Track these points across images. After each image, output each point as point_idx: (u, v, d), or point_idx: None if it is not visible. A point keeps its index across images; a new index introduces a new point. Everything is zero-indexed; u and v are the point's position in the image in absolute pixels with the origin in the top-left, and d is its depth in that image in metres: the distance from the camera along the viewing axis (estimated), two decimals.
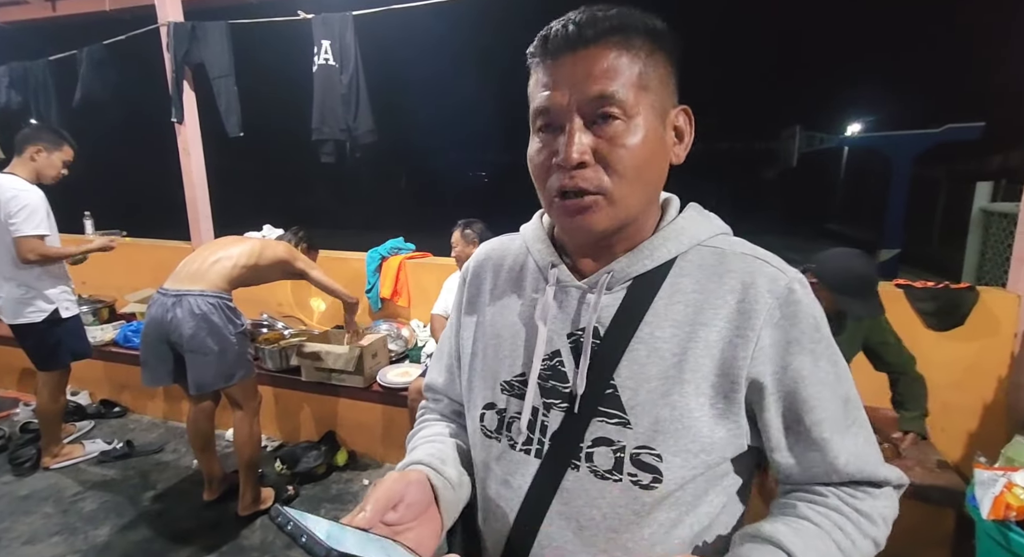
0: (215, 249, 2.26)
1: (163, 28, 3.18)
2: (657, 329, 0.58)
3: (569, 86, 0.54)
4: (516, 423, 0.63)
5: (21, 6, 3.74)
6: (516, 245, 0.72)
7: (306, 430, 2.88)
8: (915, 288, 2.23)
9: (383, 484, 0.58)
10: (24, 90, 3.80)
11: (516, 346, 0.66)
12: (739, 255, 0.60)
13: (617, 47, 0.54)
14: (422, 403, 0.84)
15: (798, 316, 0.56)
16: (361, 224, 10.86)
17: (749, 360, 0.56)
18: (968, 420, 2.16)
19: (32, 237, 2.36)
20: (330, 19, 3.03)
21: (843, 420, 0.58)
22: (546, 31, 0.56)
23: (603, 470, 0.58)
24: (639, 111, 0.55)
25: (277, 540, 2.18)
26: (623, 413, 0.58)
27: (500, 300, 0.70)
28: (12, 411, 3.15)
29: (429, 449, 0.70)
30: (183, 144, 3.30)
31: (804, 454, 0.59)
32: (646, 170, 0.56)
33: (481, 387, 0.68)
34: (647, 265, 0.60)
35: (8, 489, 2.50)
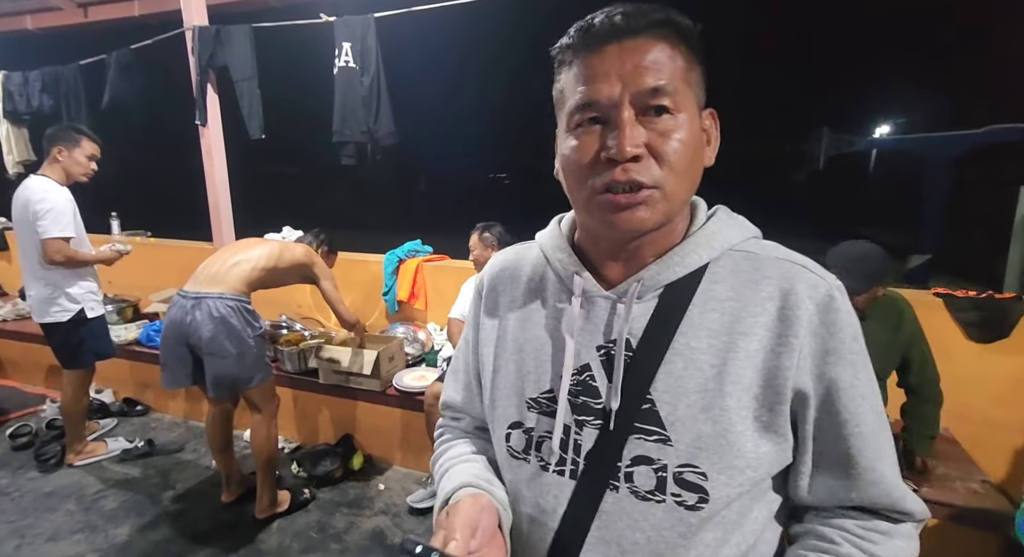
0: (234, 252, 2.26)
1: (188, 32, 3.22)
2: (693, 339, 0.55)
3: (619, 76, 0.51)
4: (547, 442, 0.60)
5: (54, 12, 3.85)
6: (533, 254, 0.69)
7: (323, 433, 2.87)
8: (956, 297, 2.12)
9: (462, 511, 0.57)
10: (56, 94, 3.91)
11: (541, 361, 0.62)
12: (775, 260, 0.57)
13: (666, 39, 0.52)
14: (440, 421, 0.80)
15: (837, 324, 0.54)
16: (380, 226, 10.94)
17: (794, 370, 0.53)
18: (1014, 438, 2.04)
19: (58, 239, 2.40)
20: (351, 22, 3.04)
21: (877, 438, 0.56)
22: (586, 23, 0.53)
23: (644, 490, 0.55)
24: (686, 107, 0.53)
25: (294, 544, 2.17)
26: (663, 429, 0.55)
27: (520, 313, 0.66)
28: (39, 408, 3.21)
29: (469, 470, 0.67)
30: (206, 146, 3.35)
31: (830, 470, 0.56)
32: (693, 166, 0.55)
33: (505, 405, 0.65)
34: (678, 272, 0.57)
35: (33, 485, 2.54)
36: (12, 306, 3.75)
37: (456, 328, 2.60)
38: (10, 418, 3.17)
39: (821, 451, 0.56)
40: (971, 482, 1.77)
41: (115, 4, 3.69)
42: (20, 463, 2.72)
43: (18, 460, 2.74)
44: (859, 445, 0.55)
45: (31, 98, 3.94)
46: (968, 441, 1.98)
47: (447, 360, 2.70)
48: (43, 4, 3.78)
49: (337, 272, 3.27)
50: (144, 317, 3.49)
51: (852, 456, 0.55)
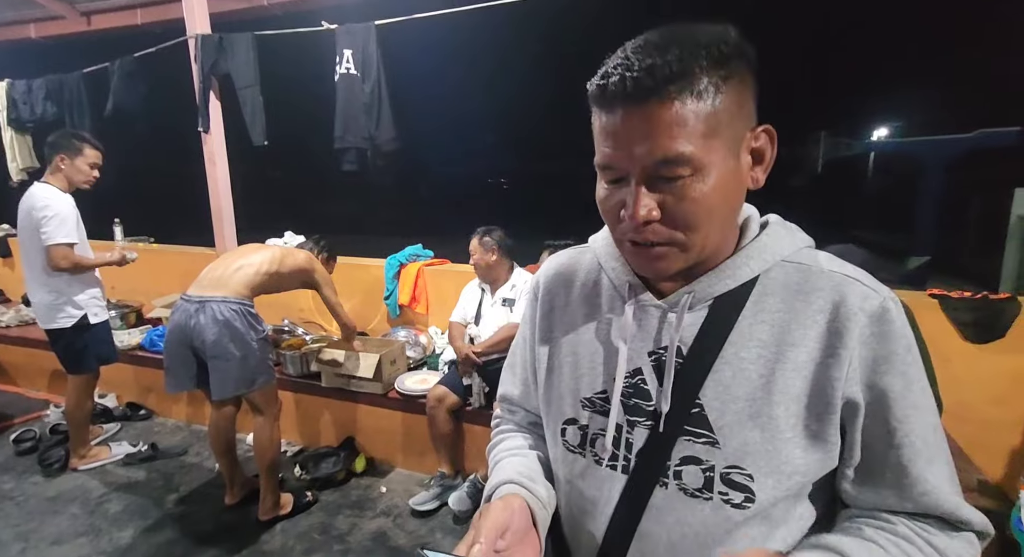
0: (237, 256, 2.29)
1: (191, 40, 3.26)
2: (742, 350, 0.57)
3: (630, 144, 0.51)
4: (600, 440, 0.63)
5: (58, 21, 3.89)
6: (587, 259, 0.72)
7: (325, 436, 2.89)
8: (951, 298, 2.15)
9: (490, 514, 0.59)
10: (59, 102, 3.95)
11: (595, 363, 0.65)
12: (827, 273, 0.58)
13: (679, 96, 0.49)
14: (496, 413, 0.84)
15: (891, 335, 0.54)
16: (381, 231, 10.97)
17: (844, 380, 0.54)
18: (1010, 437, 2.06)
19: (62, 245, 2.43)
20: (353, 29, 3.08)
21: (929, 449, 0.55)
22: (603, 78, 0.52)
23: (693, 488, 0.58)
24: (709, 159, 0.51)
25: (297, 545, 2.19)
26: (711, 433, 0.57)
27: (575, 317, 0.69)
28: (43, 413, 3.23)
29: (516, 466, 0.70)
30: (209, 153, 3.38)
31: (881, 478, 0.57)
32: (717, 213, 0.54)
33: (560, 403, 0.68)
34: (729, 285, 0.59)
35: (37, 490, 2.56)
36: (15, 312, 3.77)
37: (457, 331, 2.62)
38: (14, 423, 3.19)
39: (870, 459, 0.57)
40: (968, 481, 1.78)
41: (118, 13, 3.74)
42: (24, 467, 2.73)
43: (22, 465, 2.76)
44: (910, 455, 0.55)
45: (35, 106, 3.98)
46: (964, 440, 2.00)
47: (448, 363, 2.73)
48: (47, 13, 3.82)
49: (339, 277, 3.30)
50: (147, 322, 3.51)
51: (903, 465, 0.55)
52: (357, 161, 3.24)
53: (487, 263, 2.52)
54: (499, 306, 2.54)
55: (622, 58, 0.51)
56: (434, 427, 2.41)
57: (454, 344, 2.58)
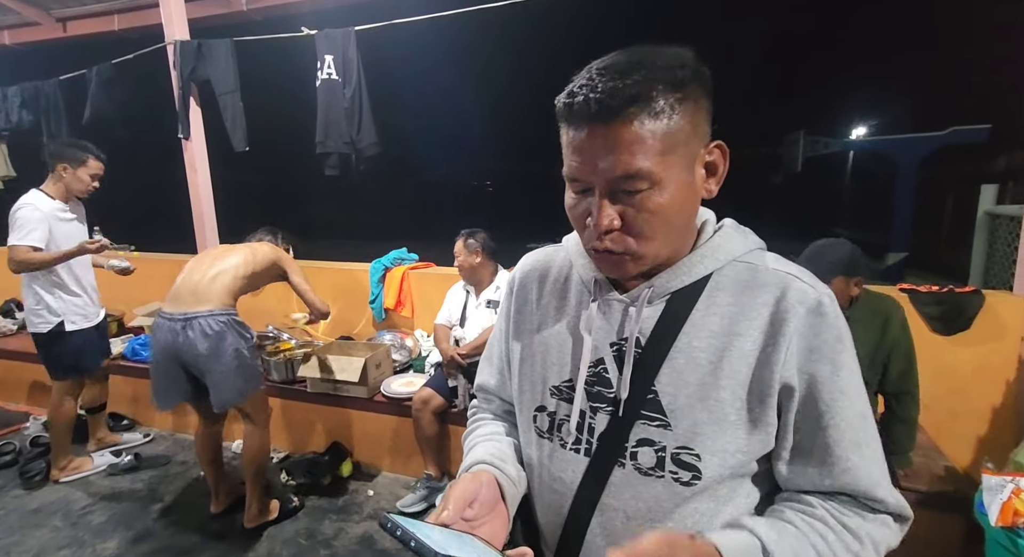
0: (209, 264, 2.24)
1: (170, 46, 3.24)
2: (695, 339, 0.63)
3: (593, 159, 0.56)
4: (566, 425, 0.69)
5: (32, 27, 3.84)
6: (560, 257, 0.78)
7: (312, 441, 2.89)
8: (920, 292, 2.22)
9: (459, 485, 0.65)
10: (35, 109, 3.89)
11: (563, 354, 0.71)
12: (772, 271, 0.64)
13: (638, 116, 0.53)
14: (473, 402, 0.89)
15: (823, 326, 0.60)
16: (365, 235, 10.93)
17: (781, 365, 0.60)
18: (976, 425, 2.14)
19: (18, 246, 2.36)
20: (333, 34, 3.09)
21: (854, 432, 0.60)
22: (569, 97, 0.56)
23: (646, 468, 0.63)
24: (665, 174, 0.56)
25: (283, 551, 2.19)
26: (664, 416, 0.63)
27: (547, 310, 0.75)
28: (22, 425, 3.18)
29: (489, 448, 0.75)
30: (190, 160, 3.36)
31: (809, 456, 0.62)
32: (674, 222, 0.60)
33: (531, 391, 0.74)
34: (685, 281, 0.64)
35: (18, 503, 2.52)
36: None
37: (442, 333, 2.64)
38: None
39: (800, 440, 0.62)
40: (935, 468, 1.86)
41: (94, 19, 3.70)
42: (5, 480, 2.69)
43: (2, 478, 2.72)
44: (835, 436, 0.60)
45: (10, 114, 3.91)
46: (933, 429, 2.07)
47: (434, 366, 2.74)
48: (21, 19, 3.77)
49: (325, 281, 3.31)
50: (129, 331, 3.47)
51: (828, 445, 0.60)
52: (339, 166, 3.24)
53: (471, 265, 2.54)
54: (484, 308, 2.57)
55: (587, 79, 0.55)
56: (420, 429, 2.43)
57: (439, 346, 2.60)
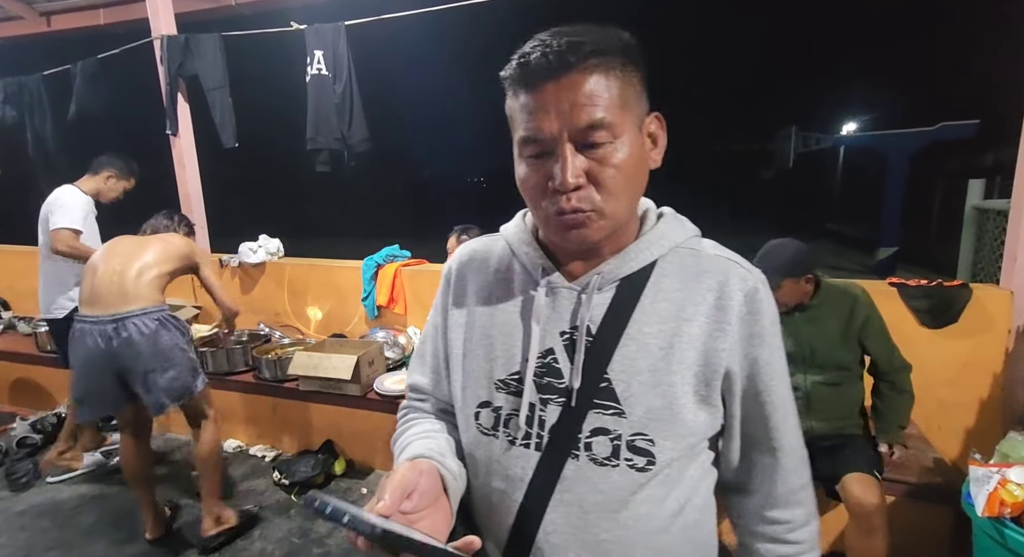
0: (126, 260, 2.09)
1: (157, 41, 3.20)
2: (645, 326, 0.63)
3: (556, 114, 0.56)
4: (514, 419, 0.66)
5: (15, 22, 3.77)
6: (499, 247, 0.74)
7: (303, 439, 2.87)
8: (909, 286, 2.24)
9: (397, 474, 0.60)
10: (19, 105, 3.83)
11: (509, 345, 0.68)
12: (713, 256, 0.67)
13: (598, 70, 0.55)
14: (404, 403, 0.83)
15: (761, 312, 0.64)
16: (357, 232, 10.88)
17: (727, 351, 0.62)
18: (964, 417, 2.16)
19: (64, 229, 2.52)
20: (322, 29, 3.06)
21: (786, 405, 0.67)
22: (522, 57, 0.57)
23: (602, 458, 0.62)
24: (624, 129, 0.57)
25: (276, 550, 2.18)
26: (618, 404, 0.62)
27: (489, 301, 0.72)
28: (8, 426, 3.14)
29: (427, 444, 0.71)
30: (178, 156, 3.32)
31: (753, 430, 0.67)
32: (632, 182, 0.60)
33: (474, 386, 0.70)
34: (633, 267, 0.65)
35: (5, 504, 2.49)
36: None
37: None
38: None
39: (744, 419, 0.67)
40: (924, 460, 1.87)
41: (80, 13, 3.64)
42: None
43: None
44: (770, 411, 0.66)
45: None
46: (923, 422, 2.09)
47: None
48: (4, 13, 3.70)
49: (316, 278, 3.29)
50: None
51: (766, 417, 0.66)
52: (330, 162, 3.22)
53: None
54: None
55: (539, 41, 0.57)
56: None
57: None
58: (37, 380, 3.44)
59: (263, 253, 3.35)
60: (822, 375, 1.77)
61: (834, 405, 1.78)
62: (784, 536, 0.69)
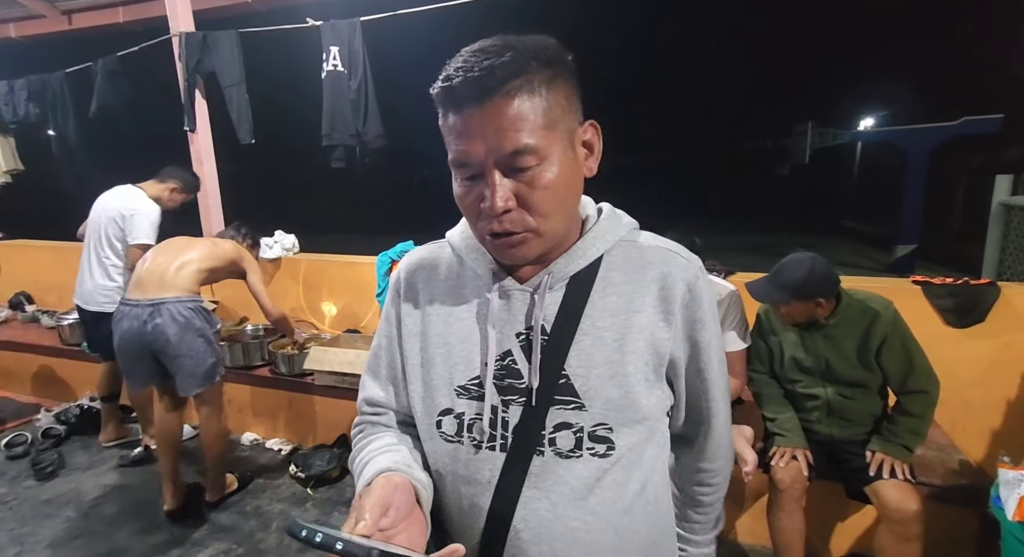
0: (173, 255, 2.29)
1: (175, 39, 3.23)
2: (598, 320, 0.65)
3: (482, 139, 0.56)
4: (478, 424, 0.66)
5: (38, 20, 3.83)
6: (447, 253, 0.75)
7: (319, 433, 2.90)
8: (933, 285, 2.19)
9: (373, 491, 0.59)
10: (42, 102, 3.89)
11: (467, 351, 0.68)
12: (655, 248, 0.69)
13: (519, 93, 0.55)
14: (358, 419, 0.80)
15: (701, 298, 0.67)
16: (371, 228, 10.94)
17: (672, 340, 0.66)
18: (991, 418, 2.11)
19: (141, 245, 2.59)
20: (338, 26, 3.06)
21: (719, 381, 0.72)
22: (446, 80, 0.57)
23: (566, 451, 0.64)
24: (551, 150, 0.58)
25: (293, 543, 2.20)
26: (578, 398, 0.64)
27: (442, 307, 0.71)
28: (33, 417, 3.20)
29: (391, 457, 0.68)
30: (196, 152, 3.35)
31: (692, 400, 0.73)
32: (564, 199, 0.61)
33: (434, 395, 0.70)
34: (581, 264, 0.66)
35: (31, 493, 2.55)
36: (4, 316, 3.73)
37: None
38: (5, 428, 3.16)
39: (688, 392, 0.72)
40: (949, 462, 1.83)
41: (100, 11, 3.69)
42: (17, 472, 2.72)
43: (15, 469, 2.75)
44: (708, 386, 0.72)
45: (17, 107, 3.92)
46: (947, 423, 2.05)
47: None
48: (27, 12, 3.76)
49: (332, 274, 3.31)
50: None
51: (706, 390, 0.72)
52: (345, 158, 3.23)
53: None
54: None
55: (462, 62, 0.56)
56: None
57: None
58: (60, 372, 3.51)
59: (279, 248, 3.38)
60: (840, 388, 1.74)
61: (854, 414, 1.76)
62: (708, 480, 0.79)
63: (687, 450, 0.79)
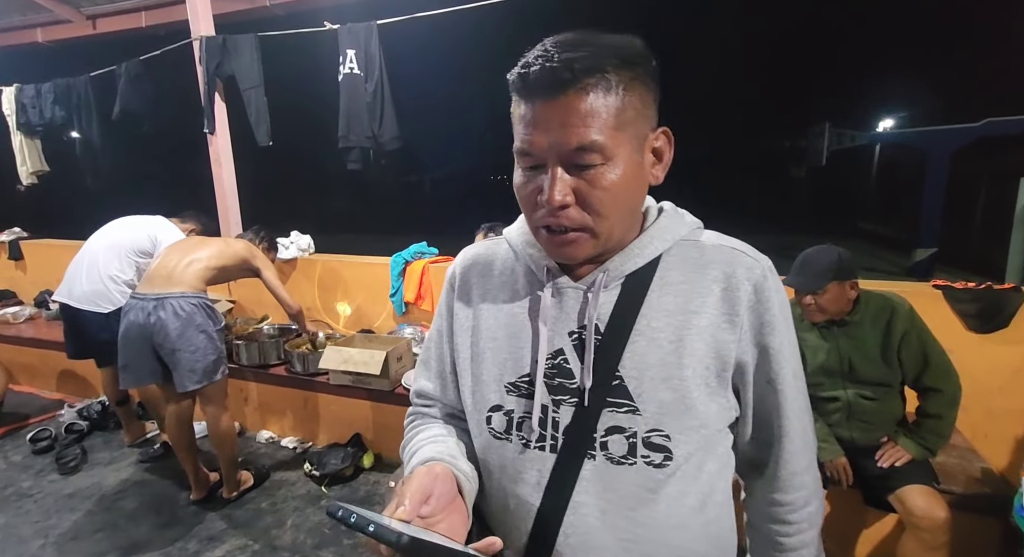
0: (184, 252, 2.36)
1: (196, 42, 3.29)
2: (653, 321, 0.63)
3: (548, 132, 0.55)
4: (527, 422, 0.65)
5: (64, 25, 3.93)
6: (502, 249, 0.74)
7: (333, 432, 2.93)
8: (955, 289, 2.15)
9: (414, 479, 0.60)
10: (67, 106, 3.99)
11: (517, 348, 0.68)
12: (717, 247, 0.66)
13: (593, 89, 0.54)
14: (410, 410, 0.82)
15: (770, 300, 0.63)
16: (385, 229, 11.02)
17: (737, 343, 0.62)
18: (1014, 426, 2.07)
19: None
20: (355, 29, 3.10)
21: (791, 389, 0.66)
22: (523, 68, 0.56)
23: (618, 456, 0.62)
24: (617, 151, 0.57)
25: (308, 540, 2.23)
26: (632, 401, 0.62)
27: (494, 303, 0.71)
28: (57, 413, 3.28)
29: (437, 447, 0.70)
30: (215, 154, 3.41)
31: (763, 413, 0.67)
32: (625, 203, 0.60)
33: (484, 391, 0.70)
34: (638, 263, 0.64)
35: (55, 487, 2.61)
36: (29, 313, 3.82)
37: None
38: (29, 423, 3.25)
39: (756, 404, 0.67)
40: (971, 470, 1.80)
41: (123, 16, 3.77)
42: (41, 466, 2.79)
43: (39, 463, 2.82)
44: (780, 399, 0.66)
45: (43, 110, 4.02)
46: (969, 430, 2.01)
47: None
48: (53, 17, 3.86)
49: (346, 275, 3.34)
50: None
51: (779, 403, 0.66)
52: (361, 160, 3.26)
53: None
54: None
55: (542, 51, 0.56)
56: None
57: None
58: (83, 370, 3.58)
59: (295, 249, 3.42)
60: (862, 389, 1.72)
61: (875, 416, 1.73)
62: (785, 517, 0.70)
63: (757, 477, 0.72)
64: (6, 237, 4.40)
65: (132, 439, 3.00)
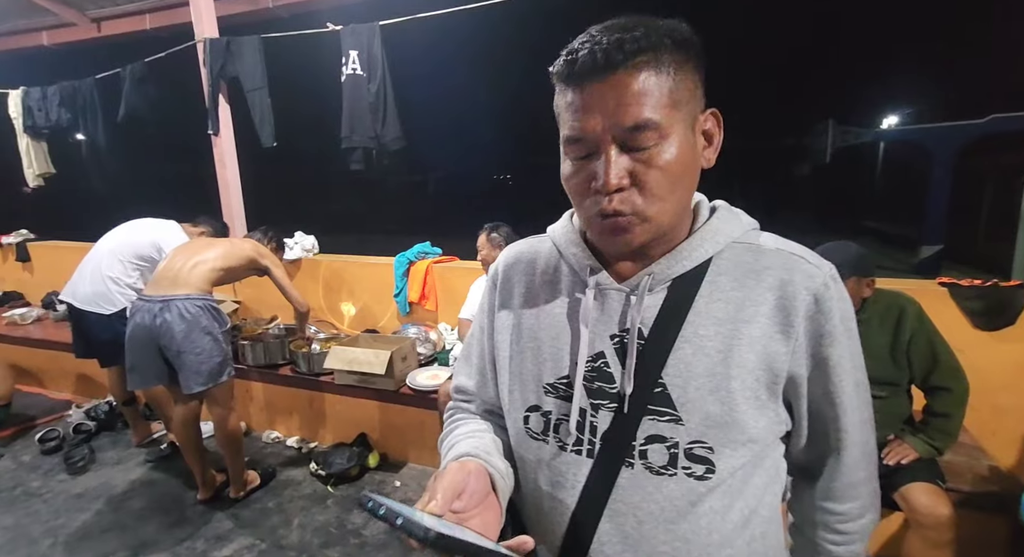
0: (190, 254, 2.36)
1: (199, 44, 3.31)
2: (700, 328, 0.60)
3: (601, 113, 0.54)
4: (564, 425, 0.64)
5: (69, 28, 3.96)
6: (546, 247, 0.72)
7: (338, 432, 2.94)
8: (961, 286, 2.14)
9: (447, 475, 0.59)
10: (73, 108, 4.01)
11: (557, 349, 0.66)
12: (774, 251, 0.62)
13: (646, 68, 0.53)
14: (450, 404, 0.82)
15: (832, 310, 0.59)
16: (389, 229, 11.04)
17: (791, 355, 0.59)
18: (1022, 423, 2.06)
19: None
20: (358, 30, 3.10)
21: (853, 402, 0.63)
22: (570, 54, 0.55)
23: (658, 466, 0.60)
24: (673, 129, 0.55)
25: (314, 539, 2.24)
26: (674, 410, 0.59)
27: (535, 303, 0.70)
28: (65, 413, 3.31)
29: (473, 443, 0.69)
30: (219, 155, 3.43)
31: (819, 427, 0.64)
32: (680, 184, 0.57)
33: (522, 390, 0.69)
34: (686, 266, 0.61)
35: (63, 487, 2.63)
36: (36, 315, 3.85)
37: (467, 328, 2.65)
38: (38, 424, 3.27)
39: (812, 417, 0.64)
40: (978, 467, 1.79)
41: (127, 19, 3.79)
42: (50, 466, 2.81)
43: (48, 463, 2.84)
44: (839, 411, 0.63)
45: (49, 112, 4.04)
46: (976, 428, 2.00)
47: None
48: (58, 20, 3.89)
49: (350, 275, 3.35)
50: None
51: (834, 417, 0.63)
52: (364, 160, 3.27)
53: (494, 259, 2.53)
54: None
55: (589, 36, 0.55)
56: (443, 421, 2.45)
57: (464, 340, 2.61)
58: (90, 370, 3.61)
59: (299, 250, 3.43)
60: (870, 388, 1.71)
61: (881, 415, 1.71)
62: (835, 526, 0.67)
63: (809, 484, 0.69)
64: (13, 239, 4.43)
65: (139, 439, 3.02)
